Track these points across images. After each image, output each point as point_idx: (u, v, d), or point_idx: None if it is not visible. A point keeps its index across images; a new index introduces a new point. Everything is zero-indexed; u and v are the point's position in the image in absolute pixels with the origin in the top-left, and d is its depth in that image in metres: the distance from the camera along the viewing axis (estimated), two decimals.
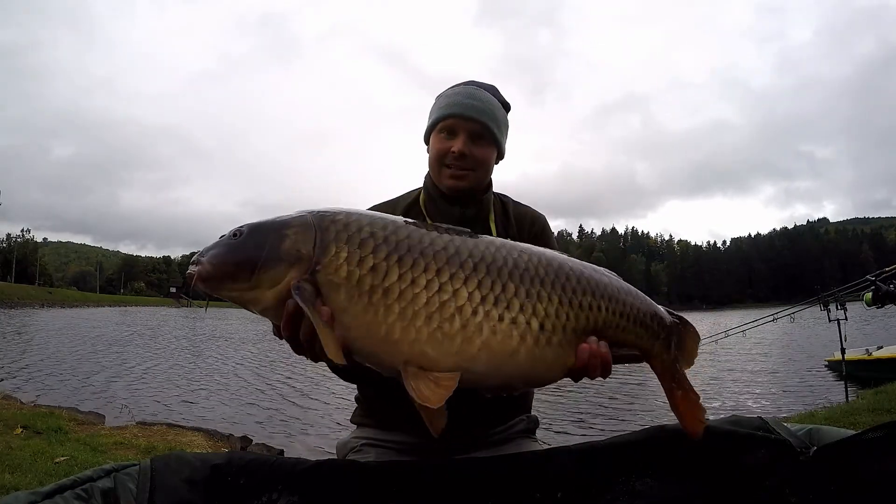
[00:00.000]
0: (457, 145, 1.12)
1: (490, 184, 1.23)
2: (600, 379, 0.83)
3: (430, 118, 1.20)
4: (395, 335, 0.68)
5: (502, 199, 1.31)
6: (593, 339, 0.80)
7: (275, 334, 0.79)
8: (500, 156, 1.22)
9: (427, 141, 1.21)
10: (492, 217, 1.23)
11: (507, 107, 1.22)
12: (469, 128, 1.13)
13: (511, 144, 1.24)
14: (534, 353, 0.73)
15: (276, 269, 0.73)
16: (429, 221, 1.10)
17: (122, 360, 14.12)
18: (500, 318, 0.71)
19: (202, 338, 23.37)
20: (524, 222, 1.28)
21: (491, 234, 1.12)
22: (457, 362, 0.69)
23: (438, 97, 1.21)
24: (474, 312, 0.70)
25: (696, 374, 11.67)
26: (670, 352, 0.86)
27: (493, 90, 1.21)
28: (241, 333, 27.16)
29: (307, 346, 0.74)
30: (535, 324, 0.73)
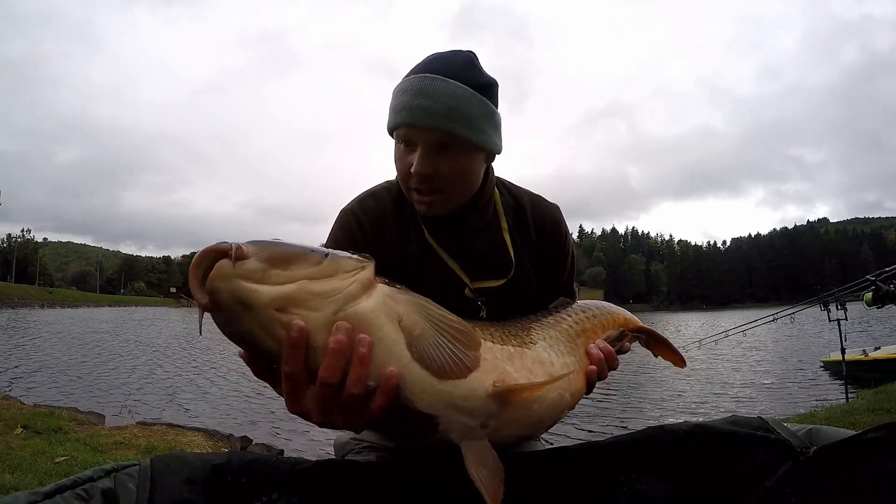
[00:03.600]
0: (415, 164, 0.86)
1: (486, 193, 0.98)
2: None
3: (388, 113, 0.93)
4: None
5: (515, 197, 1.05)
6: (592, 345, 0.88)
7: (259, 375, 0.61)
8: (492, 156, 0.95)
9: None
10: (504, 225, 1.01)
11: (488, 87, 0.90)
12: (426, 138, 0.86)
13: (505, 146, 0.98)
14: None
15: (360, 257, 0.63)
16: (429, 237, 0.98)
17: (123, 359, 14.11)
18: None
19: (201, 337, 23.34)
20: (544, 229, 1.04)
21: (507, 248, 1.00)
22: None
23: (396, 88, 0.92)
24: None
25: (697, 374, 11.73)
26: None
27: (465, 65, 0.89)
28: None
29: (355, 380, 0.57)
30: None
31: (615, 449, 0.76)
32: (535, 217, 1.04)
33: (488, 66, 0.93)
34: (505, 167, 1.07)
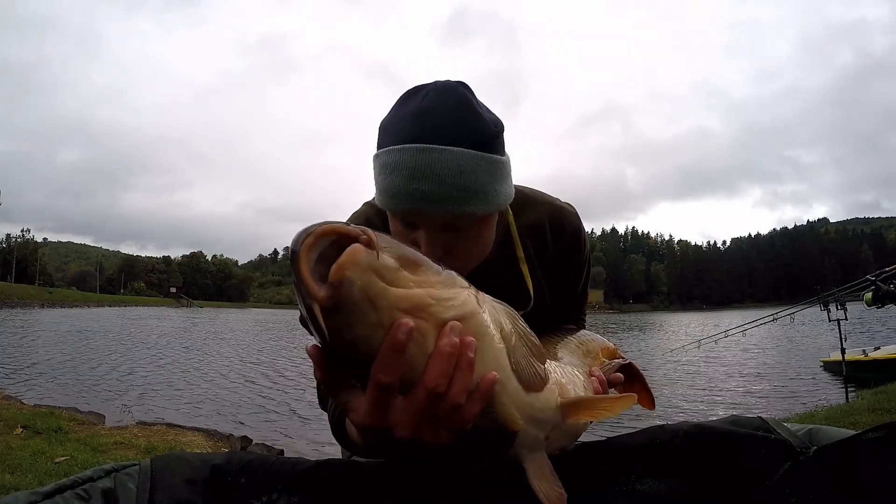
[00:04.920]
0: (423, 248, 0.74)
1: (500, 228, 0.88)
2: None
3: (375, 185, 0.77)
4: None
5: (531, 207, 0.96)
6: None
7: (329, 383, 0.49)
8: (503, 207, 0.81)
9: None
10: (521, 255, 0.92)
11: (494, 138, 0.74)
12: (430, 223, 0.74)
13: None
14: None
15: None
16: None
17: (122, 360, 14.13)
18: None
19: (201, 337, 23.38)
20: (563, 236, 0.96)
21: (524, 280, 0.94)
22: None
23: (377, 154, 0.75)
24: None
25: (697, 374, 11.73)
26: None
27: (462, 117, 0.72)
28: (238, 333, 27.19)
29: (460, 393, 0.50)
30: None
31: (614, 449, 0.76)
32: (554, 228, 0.96)
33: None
34: None
